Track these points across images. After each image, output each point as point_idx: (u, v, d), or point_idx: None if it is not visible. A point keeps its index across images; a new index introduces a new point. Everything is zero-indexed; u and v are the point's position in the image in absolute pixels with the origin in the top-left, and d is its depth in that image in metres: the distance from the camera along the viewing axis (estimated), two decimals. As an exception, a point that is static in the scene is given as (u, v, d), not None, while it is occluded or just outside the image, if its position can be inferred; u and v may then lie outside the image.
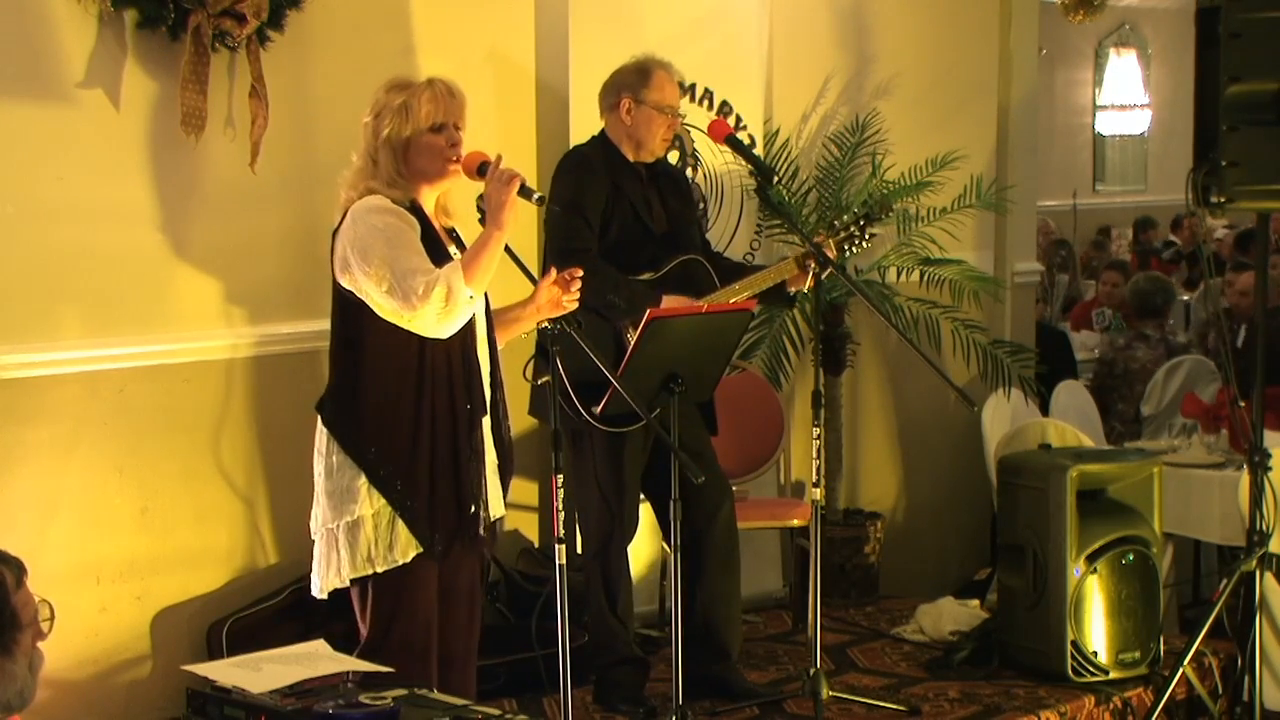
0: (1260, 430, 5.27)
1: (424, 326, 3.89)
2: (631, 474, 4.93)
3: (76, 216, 4.73)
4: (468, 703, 3.50)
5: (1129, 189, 15.05)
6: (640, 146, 4.98)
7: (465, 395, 4.01)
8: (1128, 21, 14.73)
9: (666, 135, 5.00)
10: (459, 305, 3.87)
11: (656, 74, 4.97)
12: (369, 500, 3.95)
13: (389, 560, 3.96)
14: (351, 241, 3.93)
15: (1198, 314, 9.80)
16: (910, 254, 6.44)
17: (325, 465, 4.01)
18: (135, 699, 4.90)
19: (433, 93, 4.01)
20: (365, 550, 3.96)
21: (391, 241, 3.90)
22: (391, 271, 3.86)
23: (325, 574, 4.02)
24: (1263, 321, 5.46)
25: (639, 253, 4.88)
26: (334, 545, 3.99)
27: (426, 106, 3.99)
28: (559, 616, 4.01)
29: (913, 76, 6.78)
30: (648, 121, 4.95)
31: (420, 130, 3.99)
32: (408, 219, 3.96)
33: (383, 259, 3.87)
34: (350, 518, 3.96)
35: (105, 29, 4.73)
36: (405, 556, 3.97)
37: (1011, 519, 5.54)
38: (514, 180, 3.91)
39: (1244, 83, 4.94)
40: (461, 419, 4.00)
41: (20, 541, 4.07)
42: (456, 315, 3.90)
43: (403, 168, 4.00)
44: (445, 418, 3.98)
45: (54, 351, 4.71)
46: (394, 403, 3.96)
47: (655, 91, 4.95)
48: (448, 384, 3.99)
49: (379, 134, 3.99)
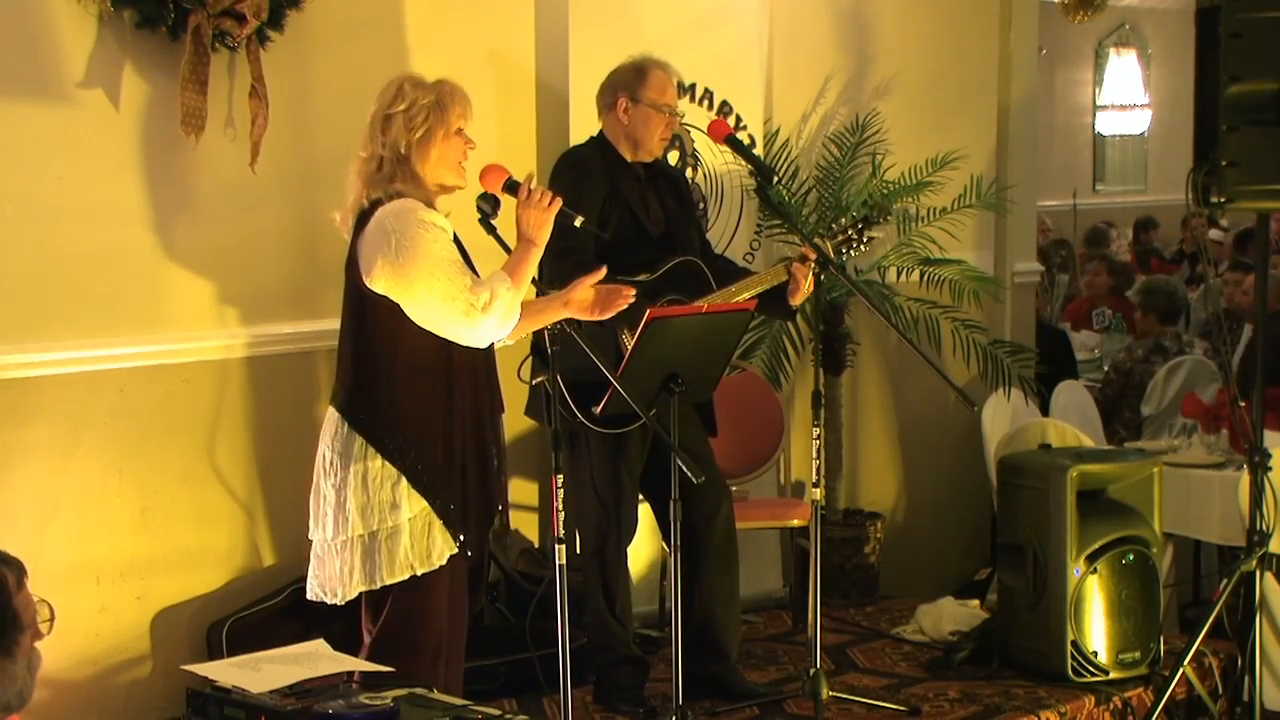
0: (1260, 430, 5.27)
1: (475, 336, 3.91)
2: (629, 475, 4.93)
3: (76, 216, 4.73)
4: (468, 703, 3.50)
5: (1129, 189, 15.04)
6: (638, 146, 4.98)
7: (489, 394, 4.03)
8: (1128, 21, 14.71)
9: (665, 134, 5.00)
10: (513, 319, 3.93)
11: (653, 73, 4.97)
12: (409, 505, 3.94)
13: (427, 564, 3.95)
14: (390, 248, 3.87)
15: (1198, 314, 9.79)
16: (910, 254, 6.44)
17: (356, 471, 3.95)
18: (135, 699, 4.90)
19: (460, 94, 4.02)
20: (404, 555, 3.94)
21: (439, 250, 3.89)
22: (445, 281, 3.84)
23: (348, 581, 3.97)
24: (1263, 321, 5.46)
25: (636, 254, 4.87)
26: (361, 552, 3.95)
27: (458, 108, 3.99)
28: (559, 616, 4.01)
29: (913, 76, 6.78)
30: (645, 121, 4.95)
31: (450, 132, 3.98)
32: (444, 223, 3.96)
33: (432, 268, 3.85)
34: (392, 523, 3.92)
35: (105, 29, 4.73)
36: (442, 559, 3.97)
37: (1011, 519, 5.54)
38: (555, 202, 3.95)
39: (1244, 83, 4.94)
40: (486, 418, 4.03)
41: (20, 541, 4.08)
42: (509, 328, 3.96)
43: (430, 169, 3.98)
44: (472, 418, 4.00)
45: (54, 351, 4.70)
46: (430, 407, 3.97)
47: (652, 91, 4.94)
48: (472, 384, 4.00)
49: (413, 130, 3.95)
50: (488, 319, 3.85)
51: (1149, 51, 14.99)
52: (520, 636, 4.95)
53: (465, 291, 3.84)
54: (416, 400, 3.96)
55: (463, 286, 3.85)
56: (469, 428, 4.00)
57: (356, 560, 3.96)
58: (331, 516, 4.00)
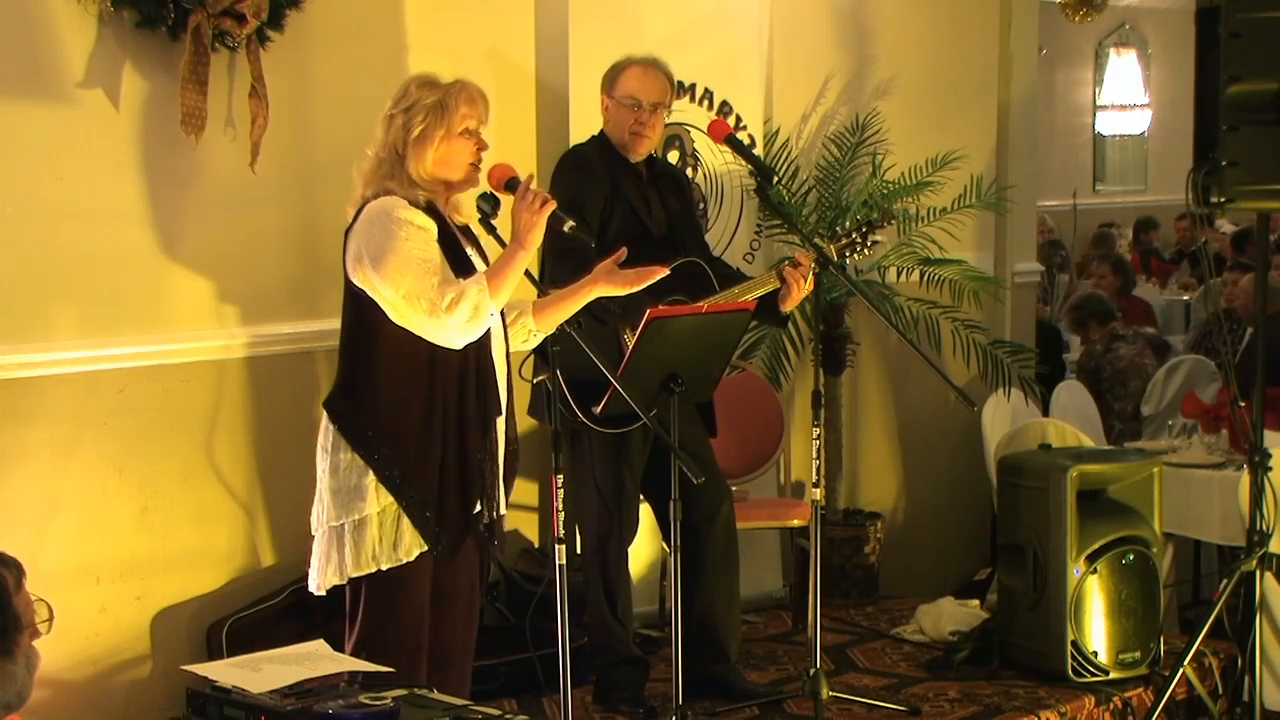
0: (1260, 430, 5.27)
1: (442, 336, 3.89)
2: (631, 475, 4.93)
3: (76, 216, 4.73)
4: (468, 703, 3.49)
5: (1129, 189, 15.05)
6: (621, 145, 4.96)
7: (477, 397, 4.00)
8: (1128, 21, 14.72)
9: (636, 129, 4.93)
10: (483, 321, 3.89)
11: (628, 69, 4.95)
12: (376, 499, 3.94)
13: (393, 559, 3.95)
14: (366, 242, 3.90)
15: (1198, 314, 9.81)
16: (910, 254, 6.44)
17: (331, 462, 3.99)
18: (135, 699, 4.90)
19: (469, 95, 3.99)
20: (370, 549, 3.95)
21: (411, 248, 3.88)
22: (412, 279, 3.85)
23: (324, 571, 4.00)
24: (1263, 321, 5.46)
25: (637, 253, 4.86)
26: (335, 543, 3.98)
27: (463, 109, 3.97)
28: (559, 616, 4.01)
29: (913, 76, 6.78)
30: (615, 117, 4.95)
31: (453, 132, 3.97)
32: (425, 222, 3.94)
33: (401, 265, 3.86)
34: (357, 515, 3.94)
35: (105, 29, 4.73)
36: (410, 555, 3.96)
37: (1011, 519, 5.54)
38: (548, 205, 3.91)
39: (1244, 83, 4.94)
40: (473, 419, 3.99)
41: (20, 541, 4.09)
42: (478, 329, 3.91)
43: (428, 168, 3.98)
44: (455, 419, 3.98)
45: (54, 351, 4.71)
46: (405, 403, 3.95)
47: (622, 85, 4.93)
48: (459, 386, 3.98)
49: (410, 130, 3.95)
50: (452, 319, 3.84)
51: (1149, 51, 15.00)
52: (520, 636, 4.95)
53: (431, 290, 3.84)
54: (392, 396, 3.96)
55: (429, 285, 3.85)
56: (451, 428, 3.98)
57: (332, 550, 3.98)
58: (315, 507, 4.06)
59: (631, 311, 4.56)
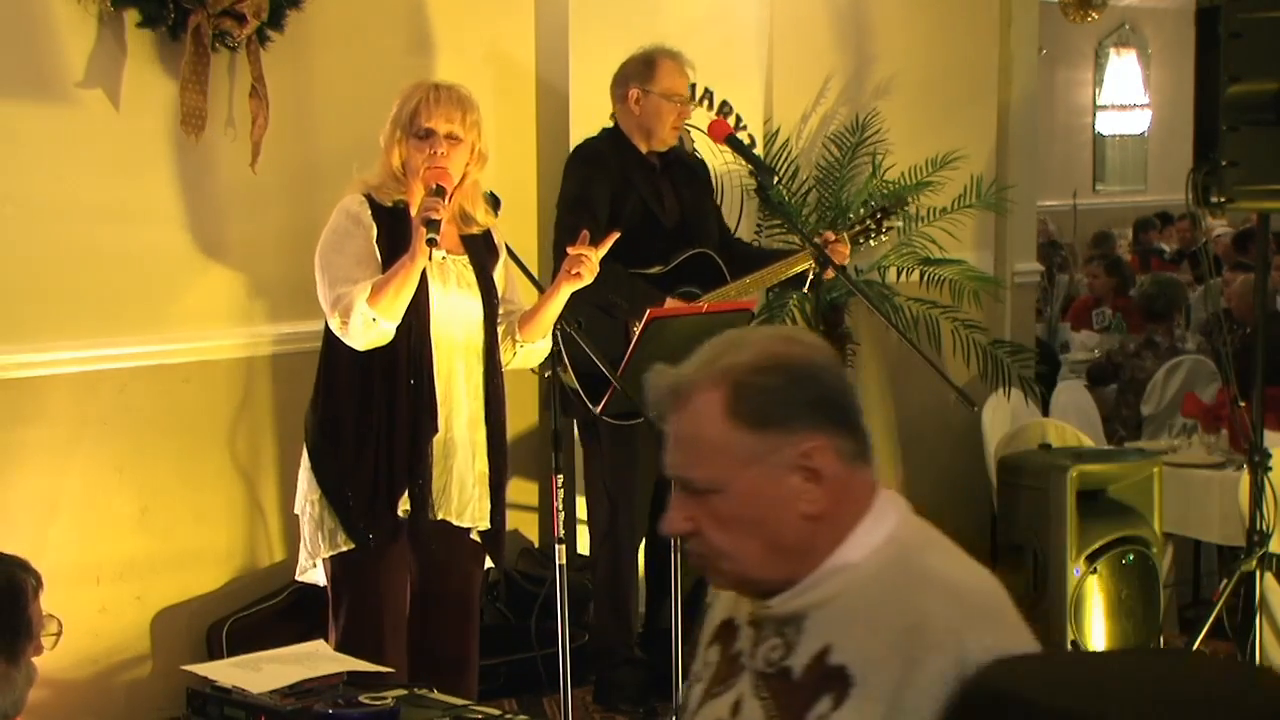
0: (1260, 430, 5.27)
1: (346, 337, 3.87)
2: (643, 473, 4.91)
3: (76, 216, 4.73)
4: (468, 703, 3.50)
5: (1129, 189, 15.05)
6: (651, 136, 5.01)
7: (411, 403, 3.93)
8: (1128, 21, 14.72)
9: (677, 123, 5.04)
10: (354, 325, 3.81)
11: (663, 63, 5.00)
12: (313, 487, 4.02)
13: (333, 545, 3.99)
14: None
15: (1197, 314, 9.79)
16: (910, 254, 6.43)
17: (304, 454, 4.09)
18: (135, 699, 4.90)
19: (426, 97, 3.94)
20: (310, 536, 4.04)
21: (336, 245, 3.92)
22: (326, 275, 3.90)
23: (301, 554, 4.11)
24: (1263, 321, 5.45)
25: (649, 246, 4.88)
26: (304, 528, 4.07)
27: (411, 108, 3.95)
28: (559, 616, 4.01)
29: (913, 76, 6.77)
30: (656, 110, 4.99)
31: (414, 134, 3.94)
32: (361, 221, 3.93)
33: (321, 261, 3.93)
34: (303, 502, 4.04)
35: (105, 29, 4.73)
36: (349, 544, 3.98)
37: (1011, 519, 5.54)
38: (428, 213, 3.76)
39: (1244, 83, 4.93)
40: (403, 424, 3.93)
41: (20, 541, 4.08)
42: (356, 334, 3.84)
43: (390, 170, 3.99)
44: (384, 422, 3.94)
45: (54, 351, 4.71)
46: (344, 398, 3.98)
47: (662, 80, 4.98)
48: (389, 389, 3.93)
49: (390, 129, 3.98)
50: (347, 321, 3.82)
51: (1149, 51, 15.00)
52: (520, 636, 4.95)
53: (333, 287, 3.86)
54: (334, 390, 4.00)
55: (335, 280, 3.86)
56: (382, 430, 3.94)
57: (304, 535, 4.08)
58: None
59: (639, 305, 4.59)
